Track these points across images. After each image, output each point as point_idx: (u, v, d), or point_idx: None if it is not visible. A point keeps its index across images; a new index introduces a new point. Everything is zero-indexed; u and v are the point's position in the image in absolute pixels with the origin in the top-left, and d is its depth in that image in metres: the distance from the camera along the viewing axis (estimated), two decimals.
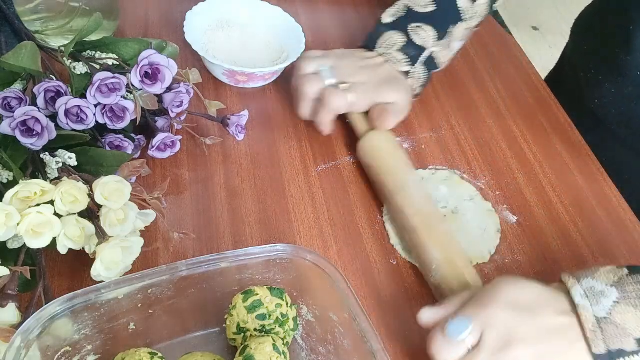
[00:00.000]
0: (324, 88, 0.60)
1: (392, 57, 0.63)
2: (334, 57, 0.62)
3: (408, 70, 0.63)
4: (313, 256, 0.44)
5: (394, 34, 0.63)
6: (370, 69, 0.62)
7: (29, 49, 0.51)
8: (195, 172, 0.58)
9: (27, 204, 0.42)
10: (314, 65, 0.61)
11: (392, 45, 0.63)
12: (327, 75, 0.61)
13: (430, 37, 0.62)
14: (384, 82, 0.62)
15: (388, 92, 0.61)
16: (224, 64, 0.63)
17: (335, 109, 0.60)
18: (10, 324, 0.40)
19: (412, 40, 0.62)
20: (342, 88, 0.60)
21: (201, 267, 0.42)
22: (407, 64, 0.63)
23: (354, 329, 0.42)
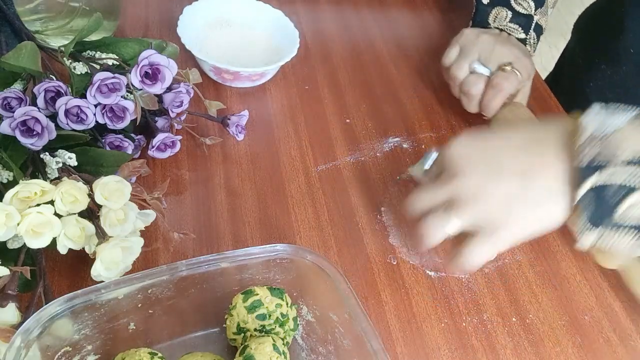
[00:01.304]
0: (493, 77, 0.63)
1: (509, 28, 0.69)
2: (475, 48, 0.65)
3: (524, 38, 0.69)
4: (313, 256, 0.44)
5: (500, 9, 0.69)
6: (505, 44, 0.66)
7: (29, 49, 0.51)
8: (195, 172, 0.58)
9: (27, 204, 0.42)
10: (464, 66, 0.65)
11: (503, 18, 0.69)
12: (482, 69, 0.65)
13: (531, 6, 0.69)
14: (523, 54, 0.66)
15: (531, 64, 0.67)
16: (209, 60, 0.63)
17: (509, 92, 0.63)
18: (10, 324, 0.40)
19: (517, 11, 0.69)
20: (508, 70, 0.63)
21: (201, 267, 0.42)
22: (522, 32, 0.69)
23: (354, 329, 0.42)
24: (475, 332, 0.52)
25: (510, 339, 0.52)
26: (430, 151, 0.51)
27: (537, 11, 0.69)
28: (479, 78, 0.64)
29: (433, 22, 0.85)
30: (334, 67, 0.74)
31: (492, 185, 0.42)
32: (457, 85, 0.66)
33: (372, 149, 0.65)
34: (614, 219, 0.38)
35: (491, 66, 0.65)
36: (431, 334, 0.51)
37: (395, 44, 0.80)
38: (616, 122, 0.39)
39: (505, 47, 0.65)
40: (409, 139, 0.67)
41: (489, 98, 0.63)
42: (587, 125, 0.40)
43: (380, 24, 0.83)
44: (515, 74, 0.63)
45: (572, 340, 0.53)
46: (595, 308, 0.56)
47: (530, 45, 0.70)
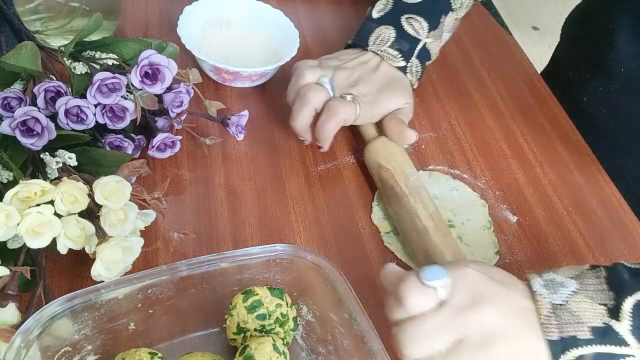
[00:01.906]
0: (332, 99, 0.58)
1: (387, 54, 0.62)
2: (330, 67, 0.61)
3: (404, 66, 0.62)
4: (313, 256, 0.44)
5: (385, 28, 0.62)
6: (369, 74, 0.61)
7: (29, 49, 0.51)
8: (195, 172, 0.58)
9: (27, 204, 0.42)
10: (315, 74, 0.59)
11: (384, 41, 0.62)
12: (329, 86, 0.59)
13: (423, 28, 0.62)
14: (386, 87, 0.61)
15: (394, 99, 0.61)
16: (209, 60, 0.63)
17: (345, 120, 0.58)
18: (10, 324, 0.40)
19: (405, 31, 0.62)
20: (348, 99, 0.58)
21: (201, 267, 0.42)
22: (402, 59, 0.62)
23: (354, 329, 0.42)
24: None
25: None
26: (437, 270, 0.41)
27: (429, 34, 0.63)
28: (323, 90, 0.58)
29: None
30: None
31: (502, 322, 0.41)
32: (296, 86, 0.59)
33: None
34: None
35: (338, 92, 0.59)
36: None
37: None
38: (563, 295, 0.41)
39: (365, 78, 0.60)
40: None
41: (323, 119, 0.57)
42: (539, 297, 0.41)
43: None
44: (354, 104, 0.58)
45: None
46: None
47: (412, 74, 0.63)
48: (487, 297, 0.41)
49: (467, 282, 0.41)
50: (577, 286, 0.42)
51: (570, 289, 0.42)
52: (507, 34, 0.89)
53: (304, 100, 0.58)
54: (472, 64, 0.80)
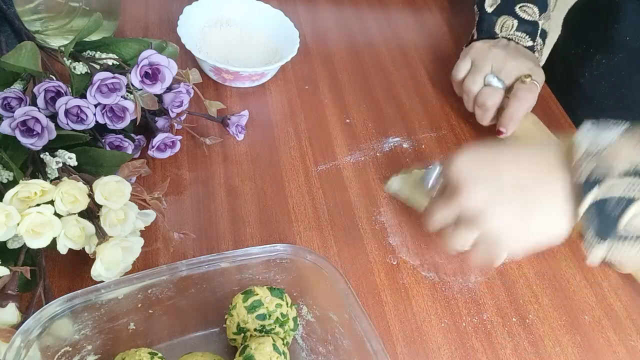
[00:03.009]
0: (516, 89, 0.63)
1: (516, 37, 0.68)
2: (487, 61, 0.65)
3: (532, 45, 0.69)
4: (313, 256, 0.44)
5: (506, 17, 0.69)
6: (519, 56, 0.65)
7: (29, 49, 0.51)
8: (195, 172, 0.58)
9: (27, 204, 0.42)
10: (479, 78, 0.65)
11: (510, 27, 0.69)
12: (496, 83, 0.64)
13: (536, 12, 0.69)
14: (535, 64, 0.66)
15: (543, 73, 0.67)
16: (209, 60, 0.63)
17: (531, 104, 0.63)
18: (10, 324, 0.40)
19: (522, 18, 0.69)
20: (528, 82, 0.63)
21: (201, 267, 0.42)
22: (529, 40, 0.68)
23: (354, 329, 0.42)
24: (475, 332, 0.52)
25: (510, 339, 0.52)
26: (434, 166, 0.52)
27: (541, 16, 0.69)
28: (495, 91, 0.64)
29: (433, 22, 0.85)
30: (334, 67, 0.74)
31: (496, 203, 0.43)
32: (471, 98, 0.66)
33: (372, 149, 0.65)
34: (619, 231, 0.39)
35: (505, 79, 0.64)
36: (431, 334, 0.51)
37: (395, 44, 0.80)
38: (608, 137, 0.41)
39: (518, 59, 0.65)
40: (409, 139, 0.67)
41: (514, 110, 0.62)
42: (580, 143, 0.42)
43: (380, 24, 0.83)
44: (535, 85, 0.63)
45: (572, 340, 0.53)
46: (595, 308, 0.56)
47: (538, 52, 0.69)
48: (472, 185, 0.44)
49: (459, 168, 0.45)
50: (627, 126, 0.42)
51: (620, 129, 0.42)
52: None
53: (483, 108, 0.65)
54: None
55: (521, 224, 0.43)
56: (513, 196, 0.43)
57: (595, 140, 0.41)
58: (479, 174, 0.44)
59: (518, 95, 0.62)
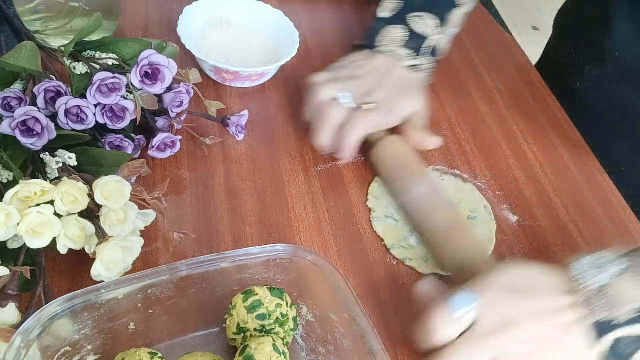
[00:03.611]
0: (350, 111, 0.58)
1: (397, 54, 0.62)
2: (344, 78, 0.60)
3: (415, 64, 0.63)
4: (313, 256, 0.44)
5: (393, 28, 0.62)
6: (383, 80, 0.60)
7: (29, 49, 0.51)
8: (195, 172, 0.58)
9: (27, 204, 0.42)
10: (329, 90, 0.59)
11: (393, 41, 0.62)
12: (347, 100, 0.58)
13: (430, 25, 0.63)
14: (402, 91, 0.61)
15: (410, 103, 0.61)
16: (209, 60, 0.63)
17: (366, 130, 0.58)
18: (10, 324, 0.40)
19: (412, 30, 0.62)
20: (366, 108, 0.58)
21: (201, 267, 0.42)
22: (412, 58, 0.62)
23: (354, 329, 0.42)
24: None
25: None
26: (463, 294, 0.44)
27: (437, 30, 0.63)
28: (341, 106, 0.58)
29: None
30: None
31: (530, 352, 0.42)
32: (315, 104, 0.59)
33: None
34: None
35: (358, 102, 0.58)
36: None
37: None
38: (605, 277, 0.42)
39: (380, 84, 0.60)
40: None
41: (346, 132, 0.57)
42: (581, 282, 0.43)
43: None
44: (375, 113, 0.58)
45: None
46: None
47: (424, 71, 0.64)
48: (515, 318, 0.42)
49: (493, 304, 0.42)
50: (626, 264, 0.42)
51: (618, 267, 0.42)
52: (507, 33, 0.89)
53: (323, 118, 0.58)
54: (472, 64, 0.80)
55: None
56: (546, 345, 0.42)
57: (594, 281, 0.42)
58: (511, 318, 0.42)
59: (350, 118, 0.57)
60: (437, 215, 0.55)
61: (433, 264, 0.55)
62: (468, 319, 0.42)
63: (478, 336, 0.41)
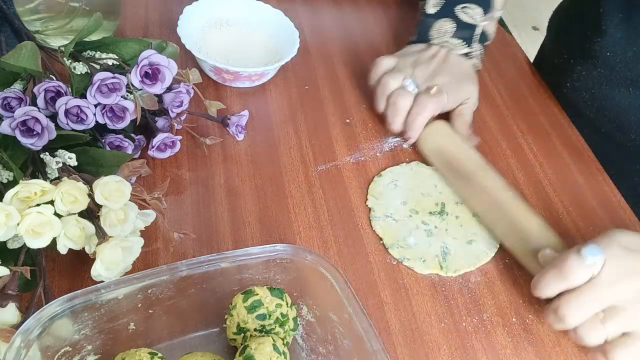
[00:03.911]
0: (418, 96, 0.62)
1: (450, 44, 0.67)
2: (408, 66, 0.65)
3: (468, 52, 0.67)
4: (313, 256, 0.44)
5: (443, 21, 0.67)
6: (443, 65, 0.65)
7: (29, 49, 0.51)
8: (195, 172, 0.58)
9: (27, 204, 0.42)
10: (397, 79, 0.63)
11: (445, 33, 0.67)
12: (412, 86, 0.63)
13: (477, 13, 0.68)
14: (460, 76, 0.65)
15: (466, 87, 0.66)
16: (209, 60, 0.63)
17: (432, 112, 0.62)
18: (10, 324, 0.40)
19: (462, 21, 0.67)
20: (433, 92, 0.62)
21: (201, 267, 0.42)
22: (465, 47, 0.67)
23: (354, 329, 0.42)
24: (475, 332, 0.52)
25: (510, 339, 0.52)
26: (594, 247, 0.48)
27: (484, 17, 0.68)
28: (409, 93, 0.63)
29: None
30: (334, 67, 0.74)
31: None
32: (385, 94, 0.64)
33: (372, 149, 0.65)
34: None
35: (422, 87, 0.63)
36: (431, 334, 0.51)
37: (395, 44, 0.80)
38: None
39: (440, 69, 0.64)
40: None
41: (412, 116, 0.62)
42: None
43: (380, 24, 0.83)
44: (440, 96, 0.62)
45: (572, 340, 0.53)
46: None
47: (476, 58, 0.68)
48: (632, 270, 0.47)
49: (617, 257, 0.47)
50: None
51: None
52: (507, 33, 0.89)
53: (394, 108, 0.63)
54: None
55: None
56: None
57: None
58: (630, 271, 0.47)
59: (417, 102, 0.62)
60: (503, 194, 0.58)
61: (431, 264, 0.55)
62: (597, 267, 0.47)
63: (603, 283, 0.46)
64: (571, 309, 0.47)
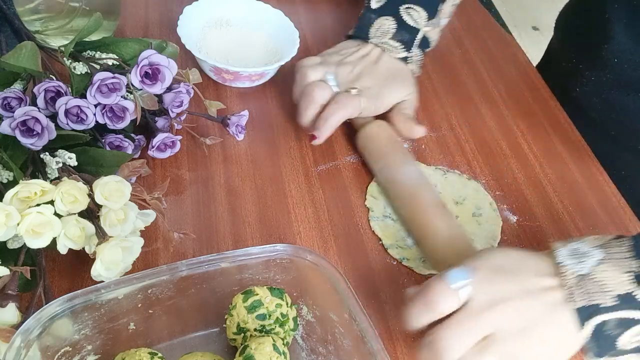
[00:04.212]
0: (337, 93, 0.60)
1: (388, 46, 0.63)
2: (333, 63, 0.62)
3: (406, 57, 0.64)
4: (313, 256, 0.44)
5: (385, 19, 0.63)
6: (371, 68, 0.62)
7: (29, 49, 0.51)
8: (195, 172, 0.58)
9: (27, 204, 0.42)
10: (319, 72, 0.61)
11: (385, 33, 0.63)
12: (334, 83, 0.60)
13: (422, 17, 0.63)
14: (389, 79, 0.62)
15: (397, 91, 0.62)
16: (209, 60, 0.63)
17: (349, 113, 0.59)
18: (10, 324, 0.40)
19: (404, 22, 0.63)
20: (353, 93, 0.59)
21: (201, 267, 0.42)
22: (403, 50, 0.63)
23: (354, 329, 0.42)
24: None
25: None
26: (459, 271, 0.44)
27: (428, 22, 0.64)
28: (328, 87, 0.60)
29: None
30: None
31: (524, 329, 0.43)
32: (301, 84, 0.61)
33: None
34: (617, 347, 0.42)
35: (341, 86, 0.60)
36: None
37: None
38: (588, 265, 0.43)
39: (367, 72, 0.61)
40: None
41: (327, 113, 0.58)
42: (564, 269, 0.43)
43: None
44: (359, 98, 0.59)
45: None
46: None
47: (414, 63, 0.65)
48: (506, 295, 0.43)
49: (486, 282, 0.43)
50: (603, 255, 0.43)
51: (596, 258, 0.43)
52: (507, 34, 0.89)
53: (309, 98, 0.59)
54: (472, 64, 0.80)
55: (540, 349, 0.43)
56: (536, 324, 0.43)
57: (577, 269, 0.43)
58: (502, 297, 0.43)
59: (335, 99, 0.59)
60: (426, 194, 0.56)
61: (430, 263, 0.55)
62: (464, 294, 0.43)
63: (473, 312, 0.42)
64: (445, 340, 0.42)
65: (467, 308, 0.42)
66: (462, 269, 0.44)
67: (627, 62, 0.68)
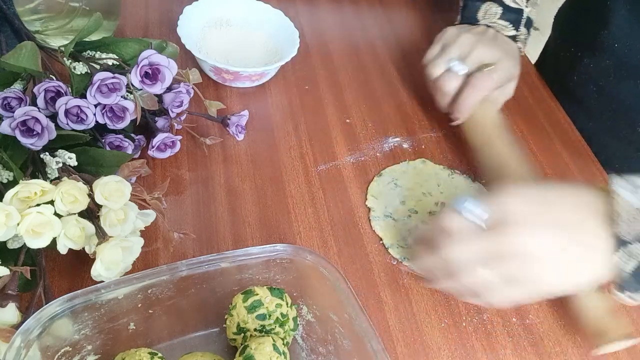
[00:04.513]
0: (471, 76, 0.62)
1: (499, 25, 0.67)
2: (455, 47, 0.64)
3: (515, 35, 0.68)
4: (313, 256, 0.44)
5: (491, 4, 0.68)
6: (491, 44, 0.65)
7: (29, 49, 0.51)
8: (195, 172, 0.58)
9: (27, 204, 0.42)
10: (441, 65, 0.64)
11: (493, 15, 0.68)
12: (460, 68, 0.63)
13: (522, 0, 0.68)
14: (510, 55, 0.65)
15: (515, 65, 0.66)
16: (209, 60, 0.63)
17: (488, 90, 0.63)
18: (10, 324, 0.40)
19: (508, 5, 0.68)
20: (486, 71, 0.62)
21: (201, 267, 0.42)
22: (512, 29, 0.68)
23: (354, 329, 0.42)
24: (475, 332, 0.52)
25: (510, 339, 0.52)
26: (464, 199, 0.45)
27: (528, 3, 0.68)
28: (454, 76, 0.63)
29: (433, 22, 0.85)
30: (334, 67, 0.74)
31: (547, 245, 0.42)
32: (430, 81, 0.66)
33: (372, 149, 0.65)
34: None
35: (470, 65, 0.63)
36: (431, 334, 0.51)
37: (395, 43, 0.80)
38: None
39: (487, 47, 0.64)
40: (409, 139, 0.67)
41: (464, 97, 0.62)
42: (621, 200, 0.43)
43: (380, 23, 0.83)
44: (493, 74, 0.63)
45: (572, 340, 0.53)
46: None
47: (521, 42, 0.69)
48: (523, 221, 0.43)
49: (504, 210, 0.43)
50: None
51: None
52: None
53: (439, 93, 0.65)
54: None
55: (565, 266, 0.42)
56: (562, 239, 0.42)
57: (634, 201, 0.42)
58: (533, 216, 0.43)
59: (471, 82, 0.62)
60: None
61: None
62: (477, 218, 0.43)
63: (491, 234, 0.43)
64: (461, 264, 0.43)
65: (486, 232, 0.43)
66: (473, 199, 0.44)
67: (627, 49, 0.69)
